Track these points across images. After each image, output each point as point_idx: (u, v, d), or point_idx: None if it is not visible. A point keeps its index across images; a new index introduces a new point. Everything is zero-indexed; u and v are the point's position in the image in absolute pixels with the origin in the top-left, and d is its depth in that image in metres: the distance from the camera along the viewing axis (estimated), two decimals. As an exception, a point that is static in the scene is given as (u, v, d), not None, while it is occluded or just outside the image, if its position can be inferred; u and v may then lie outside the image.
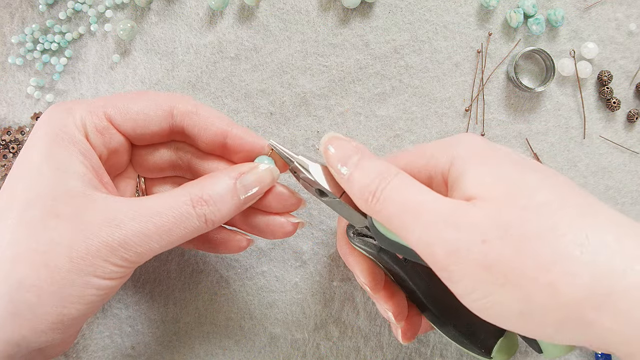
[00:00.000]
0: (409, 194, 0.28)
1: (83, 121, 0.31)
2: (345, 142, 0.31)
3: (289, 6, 0.43)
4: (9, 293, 0.27)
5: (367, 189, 0.29)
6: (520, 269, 0.24)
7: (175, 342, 0.41)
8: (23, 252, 0.28)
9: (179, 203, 0.30)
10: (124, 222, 0.28)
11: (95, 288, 0.29)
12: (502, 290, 0.25)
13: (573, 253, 0.24)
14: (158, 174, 0.36)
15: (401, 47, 0.44)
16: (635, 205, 0.46)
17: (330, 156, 0.31)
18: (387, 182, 0.28)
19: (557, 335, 0.25)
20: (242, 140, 0.34)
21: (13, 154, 0.40)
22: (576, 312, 0.24)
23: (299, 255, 0.43)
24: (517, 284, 0.24)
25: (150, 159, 0.35)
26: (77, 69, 0.42)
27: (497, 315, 0.26)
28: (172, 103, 0.33)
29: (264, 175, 0.33)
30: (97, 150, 0.32)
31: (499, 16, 0.45)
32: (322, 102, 0.43)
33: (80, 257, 0.28)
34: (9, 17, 0.41)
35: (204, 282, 0.42)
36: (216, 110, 0.34)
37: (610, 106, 0.45)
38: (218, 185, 0.31)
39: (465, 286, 0.26)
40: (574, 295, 0.24)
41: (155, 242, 0.29)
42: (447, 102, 0.44)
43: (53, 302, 0.28)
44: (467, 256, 0.25)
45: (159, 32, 0.42)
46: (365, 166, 0.30)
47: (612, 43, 0.46)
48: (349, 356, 0.42)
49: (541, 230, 0.25)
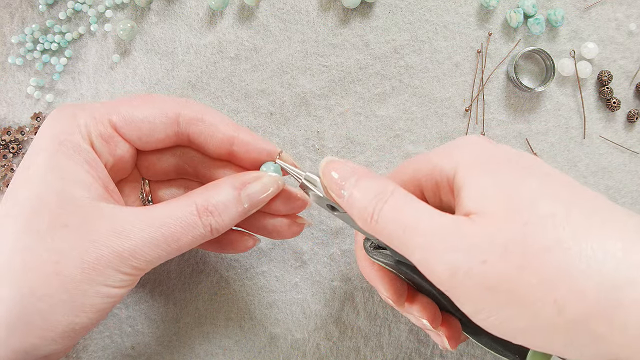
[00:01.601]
0: (405, 213, 0.27)
1: (88, 129, 0.31)
2: (341, 164, 0.31)
3: (289, 6, 0.43)
4: (21, 302, 0.28)
5: (365, 211, 0.28)
6: (524, 288, 0.24)
7: (175, 342, 0.41)
8: (33, 260, 0.28)
9: (186, 213, 0.30)
10: (133, 232, 0.29)
11: (106, 297, 0.29)
12: (507, 309, 0.24)
13: (579, 267, 0.23)
14: (164, 177, 0.36)
15: (401, 47, 0.44)
16: (635, 205, 0.46)
17: (329, 181, 0.31)
18: (384, 202, 0.28)
19: (568, 350, 0.24)
20: (249, 147, 0.33)
21: (13, 154, 0.40)
22: (585, 327, 0.23)
23: (299, 255, 0.43)
24: (522, 303, 0.24)
25: (156, 164, 0.35)
26: (77, 69, 0.42)
27: (506, 333, 0.25)
28: (177, 109, 0.33)
29: (269, 185, 0.33)
30: (103, 158, 0.31)
31: (499, 16, 0.45)
32: (322, 102, 0.43)
33: (91, 267, 0.28)
34: (9, 17, 0.41)
35: (204, 282, 0.42)
36: (222, 115, 0.34)
37: (610, 106, 0.45)
38: (222, 195, 0.31)
39: (470, 306, 0.26)
40: (582, 311, 0.23)
41: (164, 251, 0.30)
42: (447, 102, 0.44)
43: (64, 311, 0.28)
44: (469, 277, 0.25)
45: (159, 32, 0.42)
46: (362, 187, 0.29)
47: (612, 43, 0.46)
48: (349, 356, 0.42)
49: (544, 245, 0.24)
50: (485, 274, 0.24)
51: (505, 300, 0.24)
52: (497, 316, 0.25)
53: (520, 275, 0.24)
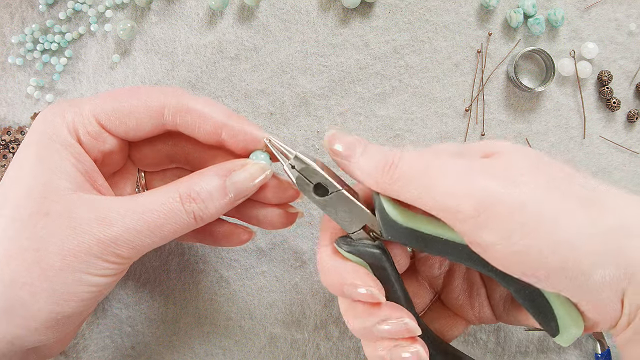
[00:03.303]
0: (428, 157, 0.29)
1: (75, 126, 0.31)
2: (348, 134, 0.32)
3: (289, 6, 0.43)
4: (3, 291, 0.28)
5: (382, 161, 0.29)
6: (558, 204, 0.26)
7: (175, 342, 0.41)
8: (14, 249, 0.28)
9: (168, 199, 0.30)
10: (115, 219, 0.29)
11: (88, 285, 0.29)
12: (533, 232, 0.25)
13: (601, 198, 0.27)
14: (157, 167, 0.36)
15: (401, 47, 0.44)
16: (635, 205, 0.46)
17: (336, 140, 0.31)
18: (402, 153, 0.29)
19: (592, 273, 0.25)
20: (238, 135, 0.33)
21: (13, 154, 0.40)
22: (613, 240, 0.25)
23: (299, 255, 0.43)
24: (554, 219, 0.25)
25: (149, 154, 0.35)
26: (77, 69, 0.42)
27: (531, 259, 0.26)
28: (162, 100, 0.32)
29: (255, 173, 0.32)
30: (92, 154, 0.31)
31: (499, 16, 0.45)
32: (322, 102, 0.43)
33: (72, 254, 0.28)
34: (9, 17, 0.41)
35: (204, 282, 0.42)
36: (212, 103, 0.33)
37: (610, 106, 0.45)
38: (206, 182, 0.31)
39: (498, 234, 0.26)
40: (616, 221, 0.26)
41: (147, 238, 0.29)
42: (447, 102, 0.44)
43: (46, 299, 0.28)
44: (500, 199, 0.26)
45: (159, 32, 0.42)
46: (373, 148, 0.31)
47: (612, 43, 0.46)
48: (349, 356, 0.42)
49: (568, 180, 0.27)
50: (517, 195, 0.26)
51: (537, 219, 0.25)
52: (525, 240, 0.25)
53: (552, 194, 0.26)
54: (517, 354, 0.44)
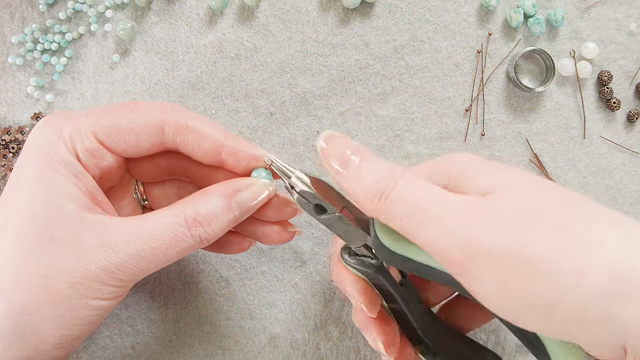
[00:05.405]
0: (419, 191, 0.27)
1: (73, 142, 0.30)
2: (342, 139, 0.30)
3: (289, 6, 0.43)
4: (14, 316, 0.28)
5: (373, 188, 0.28)
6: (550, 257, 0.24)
7: (175, 342, 0.41)
8: (23, 275, 0.28)
9: (174, 225, 0.30)
10: (120, 245, 0.29)
11: (95, 309, 0.29)
12: (528, 279, 0.24)
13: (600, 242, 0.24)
14: (156, 179, 0.36)
15: (401, 47, 0.44)
16: (635, 205, 0.46)
17: (330, 155, 0.30)
18: (395, 180, 0.27)
19: (580, 330, 0.24)
20: (237, 154, 0.33)
21: (13, 154, 0.40)
22: (601, 303, 0.23)
23: (299, 255, 0.43)
24: (545, 272, 0.24)
25: (147, 168, 0.35)
26: (77, 69, 0.42)
27: (523, 311, 0.25)
28: (161, 117, 0.32)
29: (260, 192, 0.33)
30: (90, 170, 0.31)
31: (499, 16, 0.45)
32: (322, 102, 0.43)
33: (79, 282, 0.28)
34: (9, 17, 0.41)
35: (204, 282, 0.42)
36: (210, 123, 0.33)
37: (610, 106, 0.45)
38: (212, 204, 0.31)
39: (487, 282, 0.25)
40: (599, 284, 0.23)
41: (152, 263, 0.30)
42: (447, 102, 0.44)
43: (55, 325, 0.28)
44: (489, 248, 0.24)
45: (159, 32, 0.42)
46: (368, 166, 0.29)
47: (612, 43, 0.46)
48: (349, 356, 0.42)
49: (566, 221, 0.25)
50: (508, 242, 0.24)
51: (527, 269, 0.24)
52: (516, 290, 0.24)
53: (544, 243, 0.24)
54: (517, 354, 0.44)
